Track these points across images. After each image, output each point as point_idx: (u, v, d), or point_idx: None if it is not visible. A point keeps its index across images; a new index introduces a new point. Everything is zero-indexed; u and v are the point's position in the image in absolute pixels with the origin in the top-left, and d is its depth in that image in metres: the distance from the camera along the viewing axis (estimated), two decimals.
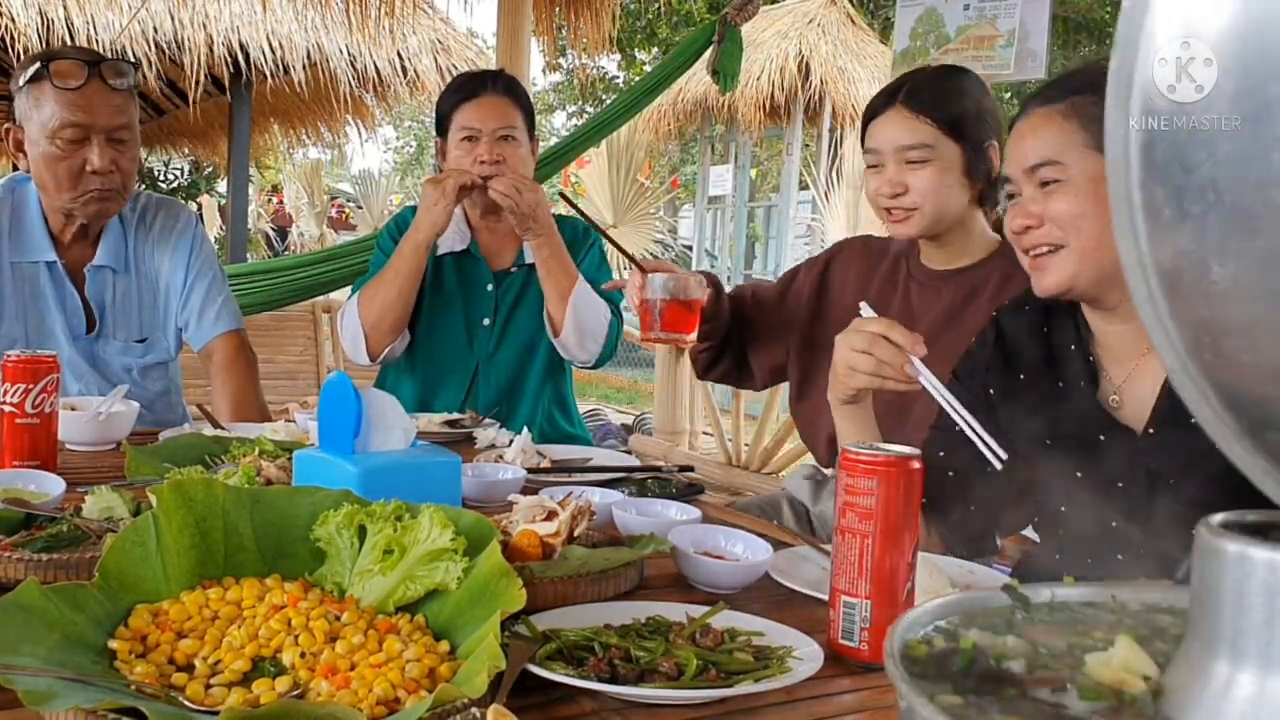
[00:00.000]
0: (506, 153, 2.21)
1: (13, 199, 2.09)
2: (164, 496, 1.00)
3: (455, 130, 2.23)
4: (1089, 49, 11.02)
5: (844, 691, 0.96)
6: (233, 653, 0.89)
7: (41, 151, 1.98)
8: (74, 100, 1.95)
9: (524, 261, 2.32)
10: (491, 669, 0.82)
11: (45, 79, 1.96)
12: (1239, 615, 0.53)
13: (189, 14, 6.73)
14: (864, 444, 1.04)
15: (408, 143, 30.40)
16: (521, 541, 1.16)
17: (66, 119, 1.95)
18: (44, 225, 2.08)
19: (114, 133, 1.99)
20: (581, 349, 2.23)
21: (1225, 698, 0.53)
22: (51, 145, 1.96)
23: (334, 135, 9.01)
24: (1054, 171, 1.31)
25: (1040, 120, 1.33)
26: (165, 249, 2.20)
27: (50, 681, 0.78)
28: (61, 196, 2.01)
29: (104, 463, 1.69)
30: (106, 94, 1.97)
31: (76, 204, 2.02)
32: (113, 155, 1.99)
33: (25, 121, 2.00)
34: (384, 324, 2.20)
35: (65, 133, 1.95)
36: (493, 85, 2.25)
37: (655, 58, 12.86)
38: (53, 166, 1.98)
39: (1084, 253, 1.31)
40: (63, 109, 1.95)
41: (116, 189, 2.03)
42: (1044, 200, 1.32)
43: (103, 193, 2.01)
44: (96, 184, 1.99)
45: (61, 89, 1.94)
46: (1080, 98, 1.30)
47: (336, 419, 1.27)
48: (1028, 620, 0.67)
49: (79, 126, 1.96)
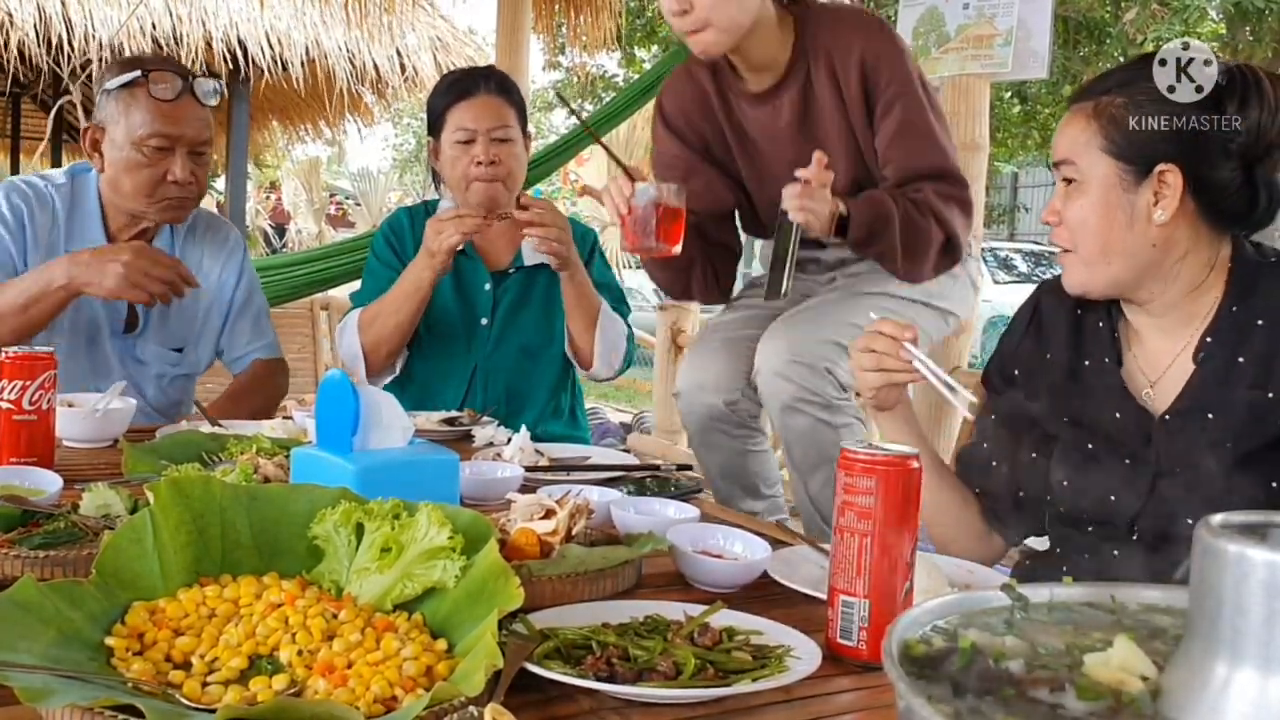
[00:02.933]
0: (503, 154, 2.20)
1: (72, 186, 2.11)
2: (161, 494, 0.99)
3: (450, 131, 2.21)
4: (1089, 49, 11.01)
5: (842, 691, 0.96)
6: (230, 650, 0.89)
7: (124, 156, 2.01)
8: (166, 112, 2.00)
9: (523, 263, 2.31)
10: (489, 667, 0.82)
11: (141, 87, 2.00)
12: (1238, 616, 0.53)
13: (187, 10, 6.73)
14: (863, 443, 1.04)
15: (406, 140, 30.38)
16: (519, 540, 1.16)
17: (157, 129, 1.99)
18: (101, 219, 2.10)
19: (197, 146, 2.04)
20: (607, 369, 2.25)
21: (1224, 698, 0.53)
22: (137, 153, 2.00)
23: (332, 132, 9.02)
24: (1072, 171, 1.31)
25: (1071, 116, 1.33)
26: (214, 265, 2.22)
27: (47, 679, 0.78)
28: (138, 201, 2.04)
29: (101, 459, 1.68)
30: (196, 109, 2.04)
31: (151, 209, 2.05)
32: (192, 167, 2.03)
33: (110, 124, 2.03)
34: (382, 350, 2.20)
35: (153, 141, 1.99)
36: (486, 84, 2.23)
37: (655, 55, 12.85)
38: (134, 173, 2.01)
39: (1088, 261, 1.31)
40: (154, 119, 1.99)
41: (191, 198, 2.08)
42: (1064, 198, 1.33)
43: (180, 200, 2.05)
44: (174, 192, 2.03)
45: (157, 100, 1.99)
46: (1108, 97, 1.29)
47: (334, 417, 1.27)
48: (1026, 620, 0.67)
49: (167, 137, 2.00)
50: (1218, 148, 1.25)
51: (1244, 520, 0.57)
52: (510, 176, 2.22)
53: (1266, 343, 1.27)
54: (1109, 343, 1.39)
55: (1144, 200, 1.27)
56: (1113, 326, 1.40)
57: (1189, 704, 0.54)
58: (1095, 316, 1.42)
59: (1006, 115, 12.59)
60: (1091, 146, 1.29)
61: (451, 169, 2.22)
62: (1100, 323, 1.41)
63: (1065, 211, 1.32)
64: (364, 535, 1.02)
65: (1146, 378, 1.36)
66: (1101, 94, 1.30)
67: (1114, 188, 1.28)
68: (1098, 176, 1.29)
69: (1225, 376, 1.28)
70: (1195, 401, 1.30)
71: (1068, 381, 1.41)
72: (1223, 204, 1.28)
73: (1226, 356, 1.28)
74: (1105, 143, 1.28)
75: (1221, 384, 1.28)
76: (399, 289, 2.17)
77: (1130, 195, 1.28)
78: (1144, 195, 1.27)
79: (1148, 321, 1.36)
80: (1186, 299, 1.32)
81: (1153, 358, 1.36)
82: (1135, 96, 1.27)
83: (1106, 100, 1.29)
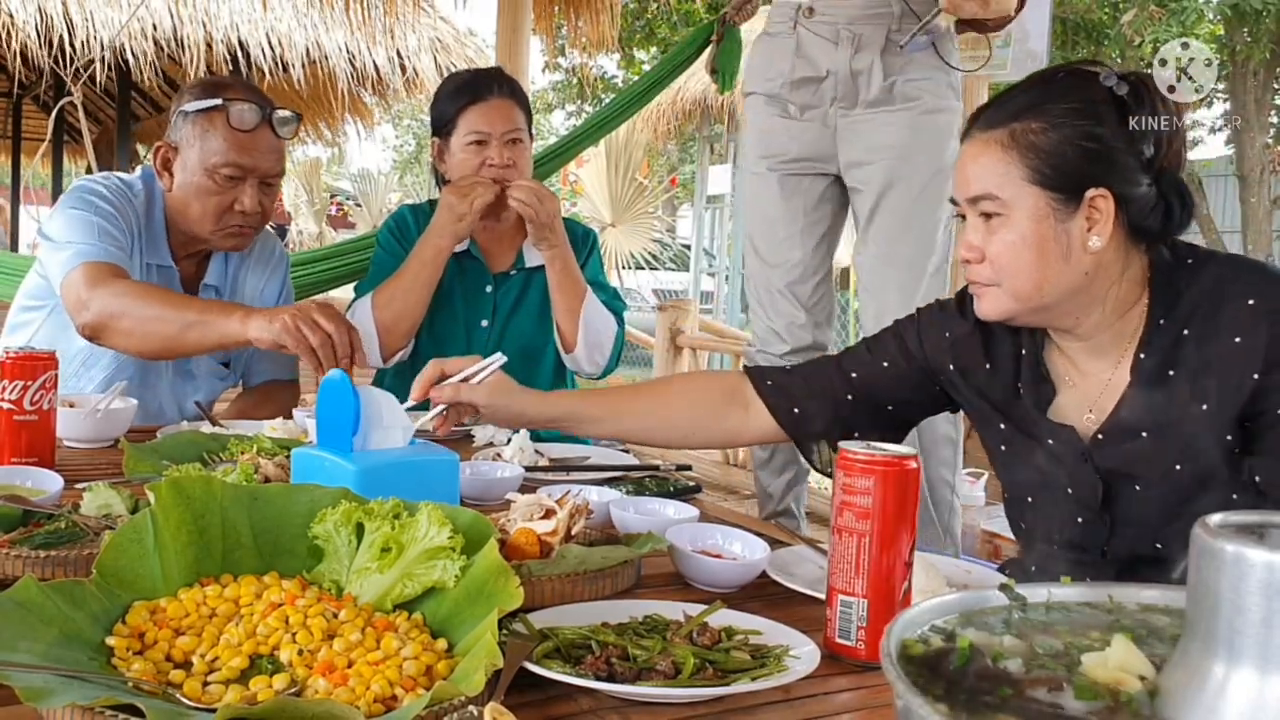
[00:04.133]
0: (515, 155, 2.21)
1: (148, 192, 2.07)
2: (162, 494, 1.00)
3: (462, 134, 2.22)
4: (1087, 50, 11.00)
5: (841, 690, 0.96)
6: (230, 650, 0.89)
7: (195, 181, 1.99)
8: (244, 143, 1.98)
9: (524, 265, 2.32)
10: (489, 667, 0.82)
11: (220, 114, 1.98)
12: (1236, 616, 0.53)
13: (188, 11, 6.73)
14: (861, 443, 1.04)
15: (406, 141, 30.39)
16: (519, 540, 1.16)
17: (232, 159, 1.97)
18: (166, 232, 2.08)
19: (268, 178, 2.03)
20: (590, 362, 2.24)
21: (1222, 698, 0.53)
22: (209, 179, 1.98)
23: (333, 133, 9.01)
24: (994, 206, 1.24)
25: (980, 146, 1.26)
26: (259, 279, 2.22)
27: (47, 678, 0.78)
28: (202, 227, 2.02)
29: (102, 459, 1.69)
30: (272, 141, 2.02)
31: (215, 236, 2.04)
32: (260, 198, 2.02)
33: (184, 147, 2.01)
34: (400, 326, 2.20)
35: (226, 170, 1.98)
36: (499, 88, 2.25)
37: (654, 57, 12.86)
38: (203, 199, 1.99)
39: (1018, 294, 1.26)
40: (231, 148, 1.97)
41: (255, 228, 2.06)
42: (985, 233, 1.27)
43: (244, 229, 2.04)
44: (239, 221, 2.02)
45: (235, 129, 1.97)
46: (1020, 124, 1.23)
47: (335, 417, 1.27)
48: (1024, 620, 0.67)
49: (240, 168, 1.98)
50: (1134, 163, 1.21)
51: (1242, 520, 0.57)
52: (523, 177, 2.23)
53: (1197, 356, 1.23)
54: (1034, 372, 1.35)
55: (1077, 228, 1.22)
56: (1037, 356, 1.36)
57: (1187, 704, 0.55)
58: (1023, 339, 1.37)
59: None
60: (1012, 177, 1.23)
61: (462, 169, 2.23)
62: (1024, 349, 1.37)
63: (989, 248, 1.26)
64: (364, 535, 1.02)
65: (1086, 400, 1.32)
66: (1011, 120, 1.24)
67: (1046, 219, 1.22)
68: (1026, 209, 1.23)
69: (1160, 393, 1.24)
70: (1133, 422, 1.26)
71: (1009, 398, 1.38)
72: (1144, 220, 1.23)
73: (1159, 373, 1.25)
74: (1029, 173, 1.22)
75: (1157, 402, 1.24)
76: (416, 258, 2.18)
77: (1064, 224, 1.22)
78: (1077, 223, 1.22)
79: (1078, 346, 1.32)
80: (1116, 318, 1.28)
81: (1087, 381, 1.33)
82: (1054, 120, 1.22)
83: (1021, 127, 1.23)
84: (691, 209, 13.64)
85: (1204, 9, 10.28)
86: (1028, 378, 1.36)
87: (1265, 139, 11.99)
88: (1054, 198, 1.22)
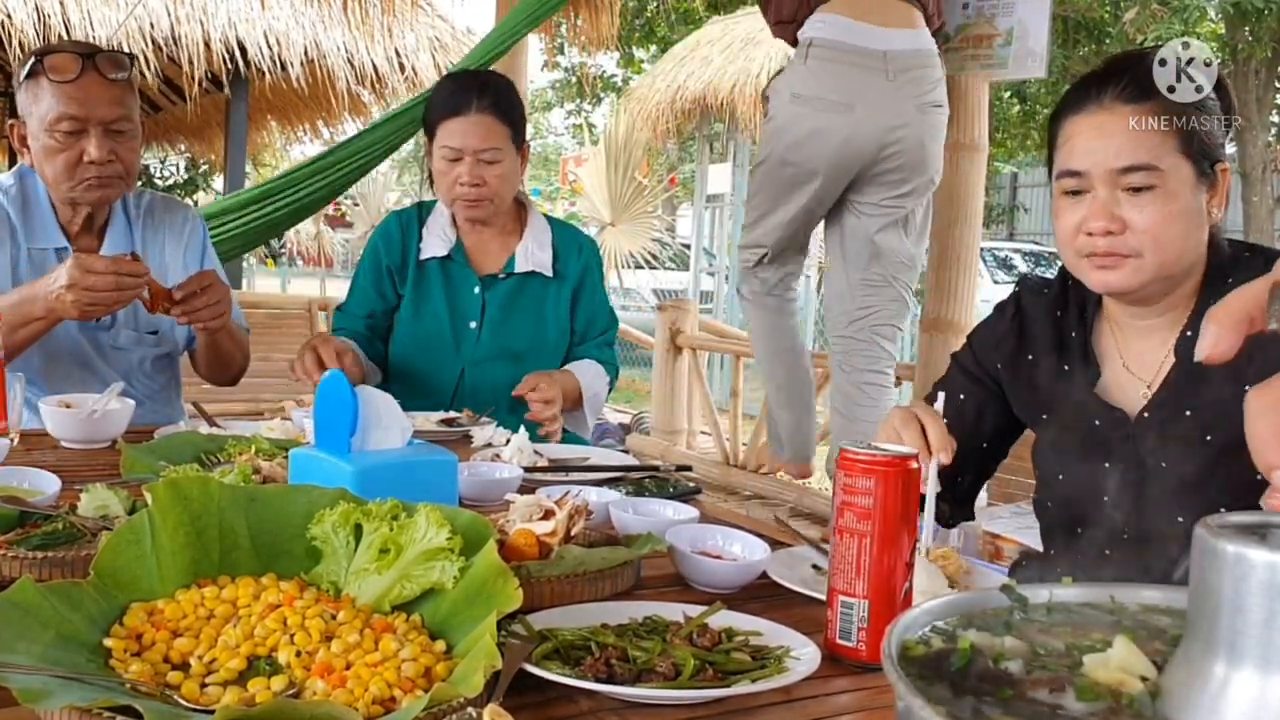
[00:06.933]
0: (488, 175, 2.20)
1: (22, 186, 2.10)
2: (159, 495, 0.99)
3: (439, 145, 2.22)
4: (1088, 49, 11.01)
5: (841, 692, 0.96)
6: (228, 651, 0.89)
7: (41, 144, 2.00)
8: (70, 93, 1.97)
9: (514, 269, 2.31)
10: (488, 668, 0.82)
11: (41, 73, 1.98)
12: (1237, 616, 0.53)
13: (186, 10, 6.72)
14: (862, 444, 1.04)
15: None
16: (518, 541, 1.16)
17: (63, 111, 1.97)
18: (54, 214, 2.10)
19: (111, 124, 2.00)
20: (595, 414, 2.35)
21: (1223, 698, 0.53)
22: (50, 138, 1.99)
23: (331, 132, 9.00)
24: (1148, 178, 1.23)
25: (1131, 117, 1.25)
26: (175, 245, 2.22)
27: (45, 680, 0.78)
28: (61, 186, 2.03)
29: (99, 460, 1.68)
30: (102, 86, 1.99)
31: (76, 191, 2.03)
32: (111, 146, 2.00)
33: (26, 116, 2.03)
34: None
35: (62, 125, 1.97)
36: (479, 102, 2.19)
37: (654, 55, 12.86)
38: (51, 158, 2.00)
39: (1162, 265, 1.26)
40: (59, 102, 1.97)
41: (117, 175, 2.04)
42: (1130, 206, 1.25)
43: (101, 180, 2.02)
44: (94, 172, 2.01)
45: (57, 82, 1.96)
46: (1166, 97, 1.24)
47: (332, 417, 1.27)
48: (1025, 621, 0.67)
49: (75, 119, 1.97)
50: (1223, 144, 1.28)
51: (1243, 520, 0.57)
52: (497, 196, 2.23)
53: None
54: (1082, 353, 1.39)
55: (1204, 200, 1.26)
56: (1085, 337, 1.39)
57: (1188, 704, 0.54)
58: (1070, 324, 1.41)
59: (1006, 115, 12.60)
60: (1169, 148, 1.24)
61: (439, 180, 2.25)
62: (1074, 332, 1.40)
63: (1139, 219, 1.24)
64: (362, 536, 1.02)
65: (1132, 380, 1.35)
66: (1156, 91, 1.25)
67: (1194, 191, 1.25)
68: (1181, 179, 1.24)
69: (1202, 372, 1.24)
70: (1174, 398, 1.29)
71: (1053, 384, 1.40)
72: None
73: None
74: (1183, 144, 1.24)
75: (1199, 380, 1.26)
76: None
77: (1201, 196, 1.26)
78: (1205, 195, 1.26)
79: (1131, 324, 1.35)
80: (1171, 294, 1.31)
81: (1135, 361, 1.36)
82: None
83: (1167, 100, 1.24)
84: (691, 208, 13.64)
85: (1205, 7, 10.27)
86: (1076, 359, 1.39)
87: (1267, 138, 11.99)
88: (1197, 170, 1.25)
